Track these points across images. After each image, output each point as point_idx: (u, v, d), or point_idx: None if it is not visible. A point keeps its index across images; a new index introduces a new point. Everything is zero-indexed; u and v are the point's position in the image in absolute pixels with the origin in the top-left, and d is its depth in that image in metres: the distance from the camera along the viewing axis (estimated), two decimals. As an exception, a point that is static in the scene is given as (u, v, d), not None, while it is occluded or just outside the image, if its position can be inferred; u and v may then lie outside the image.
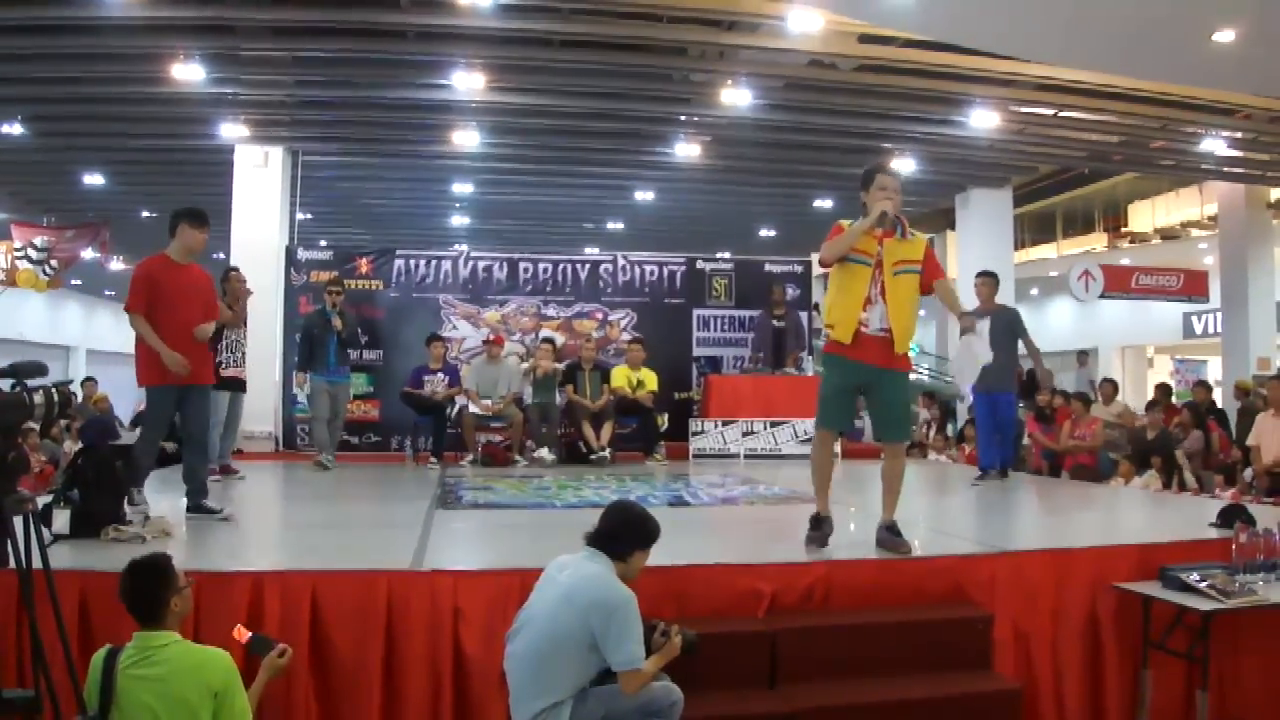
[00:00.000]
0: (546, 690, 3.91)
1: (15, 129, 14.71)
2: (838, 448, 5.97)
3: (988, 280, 10.05)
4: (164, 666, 3.49)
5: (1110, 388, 13.97)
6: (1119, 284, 19.50)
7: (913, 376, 24.31)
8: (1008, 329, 9.55)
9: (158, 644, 3.54)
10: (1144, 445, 11.66)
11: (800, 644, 4.71)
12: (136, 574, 3.64)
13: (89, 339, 35.59)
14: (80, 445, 10.29)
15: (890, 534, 5.50)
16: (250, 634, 4.01)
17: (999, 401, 9.63)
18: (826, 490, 5.66)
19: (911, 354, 24.69)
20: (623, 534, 4.23)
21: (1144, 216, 23.80)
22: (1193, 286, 20.14)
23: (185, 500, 6.68)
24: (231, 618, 4.43)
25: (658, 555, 4.41)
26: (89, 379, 15.98)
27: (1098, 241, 25.01)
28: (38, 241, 18.62)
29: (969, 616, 5.07)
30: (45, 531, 5.17)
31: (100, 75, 12.62)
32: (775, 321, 12.99)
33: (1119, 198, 24.37)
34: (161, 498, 7.84)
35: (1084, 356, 18.57)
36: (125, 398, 19.05)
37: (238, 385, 9.66)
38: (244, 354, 9.86)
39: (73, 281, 29.04)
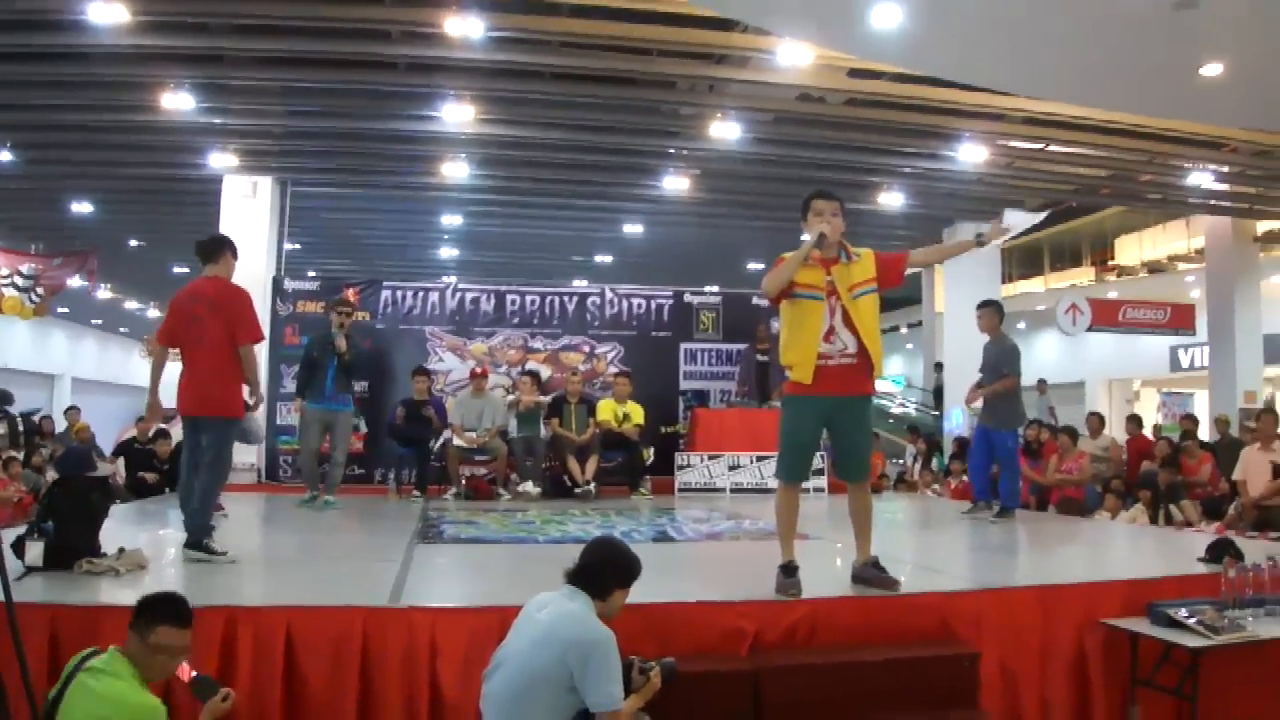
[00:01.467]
0: (524, 731, 3.84)
1: (3, 156, 14.67)
2: (823, 481, 5.82)
3: (985, 311, 9.77)
4: (98, 689, 3.50)
5: (1097, 421, 13.97)
6: (1106, 317, 19.52)
7: (898, 410, 24.57)
8: (999, 360, 9.45)
9: (111, 667, 3.55)
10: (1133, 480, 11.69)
11: (784, 683, 4.64)
12: (148, 596, 3.77)
13: (74, 367, 35.46)
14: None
15: (875, 570, 5.42)
16: (194, 674, 3.90)
17: (996, 438, 9.50)
18: (791, 539, 5.44)
19: (897, 386, 24.72)
20: (604, 572, 4.17)
21: (1131, 250, 23.89)
22: (1180, 320, 20.17)
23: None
24: (204, 653, 4.36)
25: (640, 593, 4.35)
26: (72, 407, 15.85)
27: (1085, 275, 25.10)
28: (24, 269, 18.56)
29: (955, 654, 5.00)
30: (18, 564, 5.12)
31: (89, 103, 12.59)
32: (760, 356, 12.97)
33: (1106, 231, 24.48)
34: (140, 531, 7.79)
35: (1043, 384, 18.61)
36: (108, 426, 18.96)
37: None
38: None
39: (59, 310, 28.92)
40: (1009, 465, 9.57)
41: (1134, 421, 14.46)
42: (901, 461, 17.73)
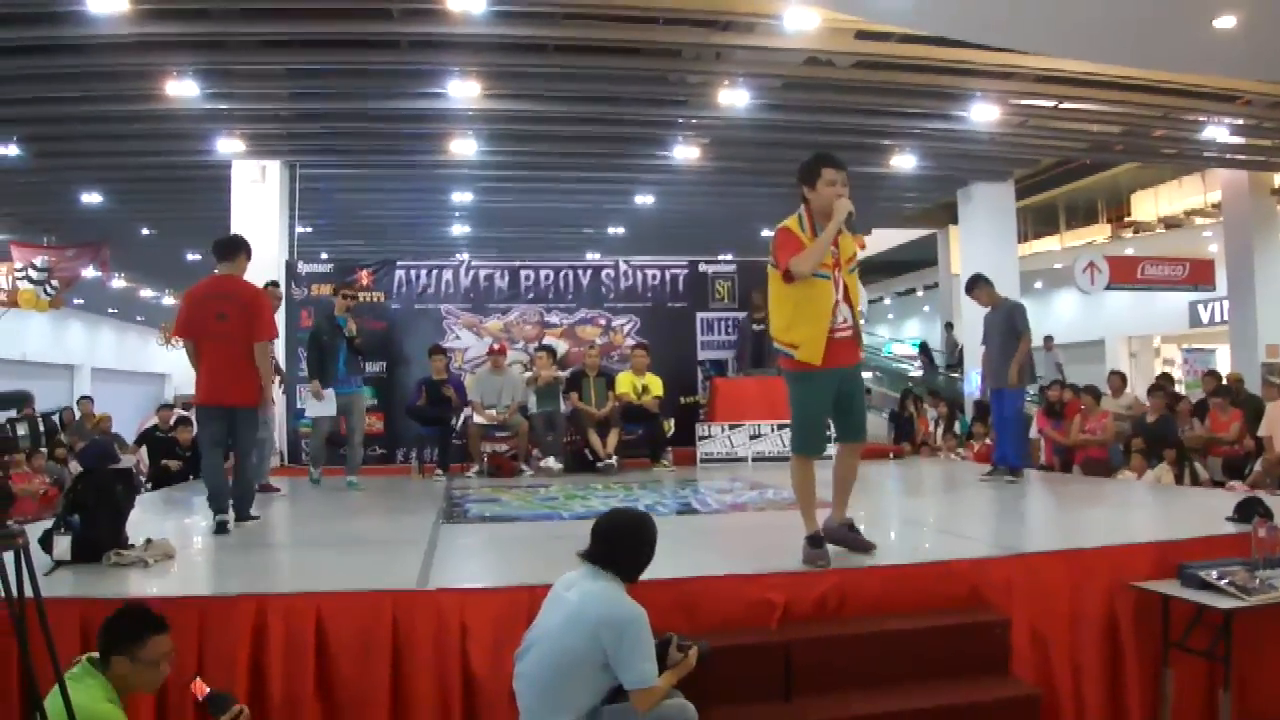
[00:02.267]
0: (557, 711, 3.84)
1: (12, 150, 14.67)
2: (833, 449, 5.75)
3: (976, 291, 10.03)
4: (75, 705, 3.38)
5: (1119, 380, 13.86)
6: (1125, 275, 19.39)
7: (916, 374, 24.51)
8: (1007, 321, 9.53)
9: (81, 684, 3.47)
10: (1147, 430, 11.58)
11: (815, 654, 4.63)
12: (115, 613, 3.64)
13: (93, 357, 35.62)
14: (80, 469, 10.20)
15: (850, 531, 5.42)
16: (209, 690, 3.84)
17: (1004, 397, 9.57)
18: (814, 510, 5.40)
19: (914, 349, 24.67)
20: (634, 555, 4.12)
21: (1147, 206, 23.71)
22: (1199, 275, 20.02)
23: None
24: (236, 642, 4.38)
25: (668, 567, 4.33)
26: (85, 397, 15.89)
27: (1101, 232, 24.93)
28: (38, 262, 18.61)
29: (986, 621, 4.98)
30: (46, 559, 5.13)
31: (95, 94, 12.56)
32: (755, 325, 12.95)
33: (1121, 188, 24.28)
34: (165, 519, 7.82)
35: (1049, 341, 18.50)
36: (129, 414, 19.04)
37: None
38: (276, 371, 9.86)
39: (74, 301, 29.05)
40: (1016, 425, 9.71)
41: (1163, 378, 14.26)
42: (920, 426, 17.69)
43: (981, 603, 5.10)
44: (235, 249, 7.33)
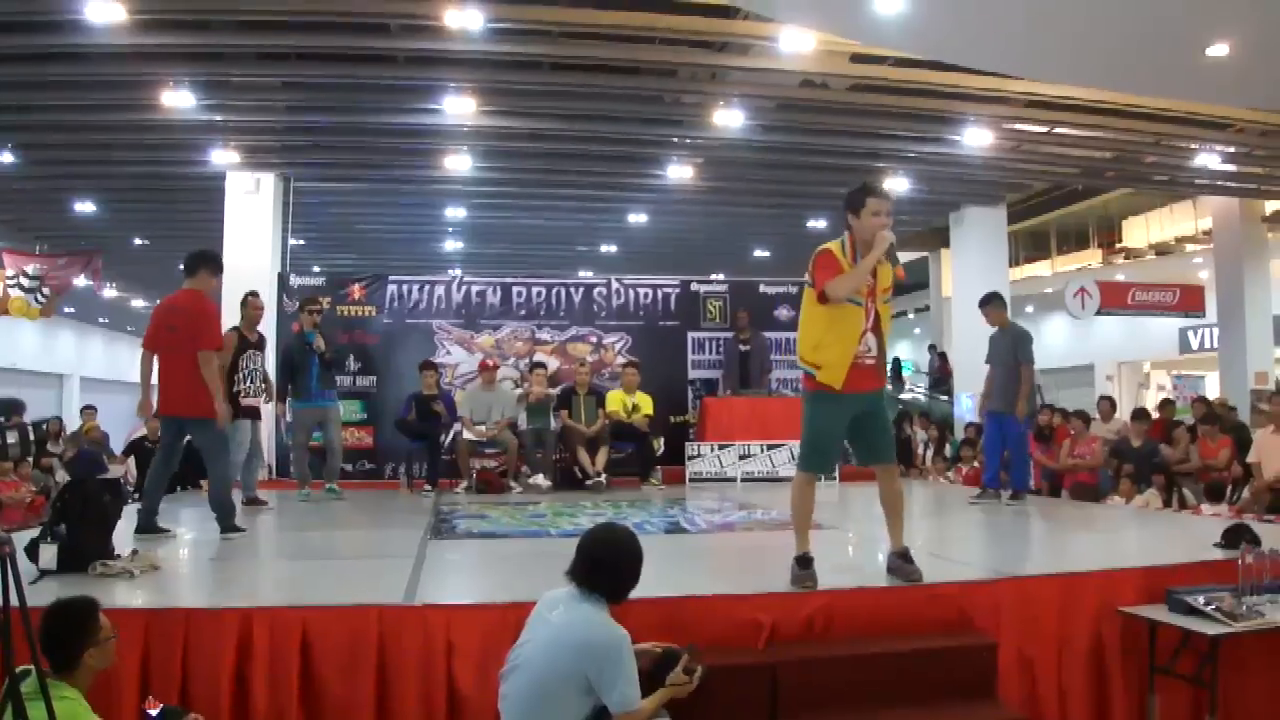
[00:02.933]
0: (541, 732, 3.82)
1: (5, 157, 14.68)
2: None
3: (988, 309, 9.87)
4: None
5: (1108, 405, 13.89)
6: (1115, 300, 19.46)
7: (908, 397, 24.56)
8: (1011, 348, 9.50)
9: (55, 694, 3.36)
10: (1131, 455, 11.61)
11: (802, 675, 4.61)
12: (54, 617, 3.56)
13: (83, 366, 35.53)
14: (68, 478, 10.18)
15: (902, 561, 5.37)
16: (161, 706, 3.86)
17: (1006, 422, 9.54)
18: (807, 530, 5.40)
19: (906, 373, 24.69)
20: (619, 577, 4.09)
21: (1138, 232, 23.79)
22: (1189, 301, 20.11)
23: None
24: (221, 654, 4.36)
25: (655, 585, 4.32)
26: (88, 407, 15.86)
27: (1092, 258, 25.01)
28: (29, 269, 18.54)
29: (973, 644, 4.97)
30: (32, 568, 5.11)
31: (90, 103, 12.57)
32: (741, 345, 12.99)
33: (1113, 213, 24.38)
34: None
35: (933, 346, 18.54)
36: (118, 425, 18.96)
37: (256, 414, 9.67)
38: (264, 382, 9.91)
39: (65, 309, 28.99)
40: (1020, 450, 9.65)
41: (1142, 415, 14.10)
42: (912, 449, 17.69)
43: (969, 626, 5.10)
44: (195, 264, 7.50)
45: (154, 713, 3.82)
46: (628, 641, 3.89)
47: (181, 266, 7.59)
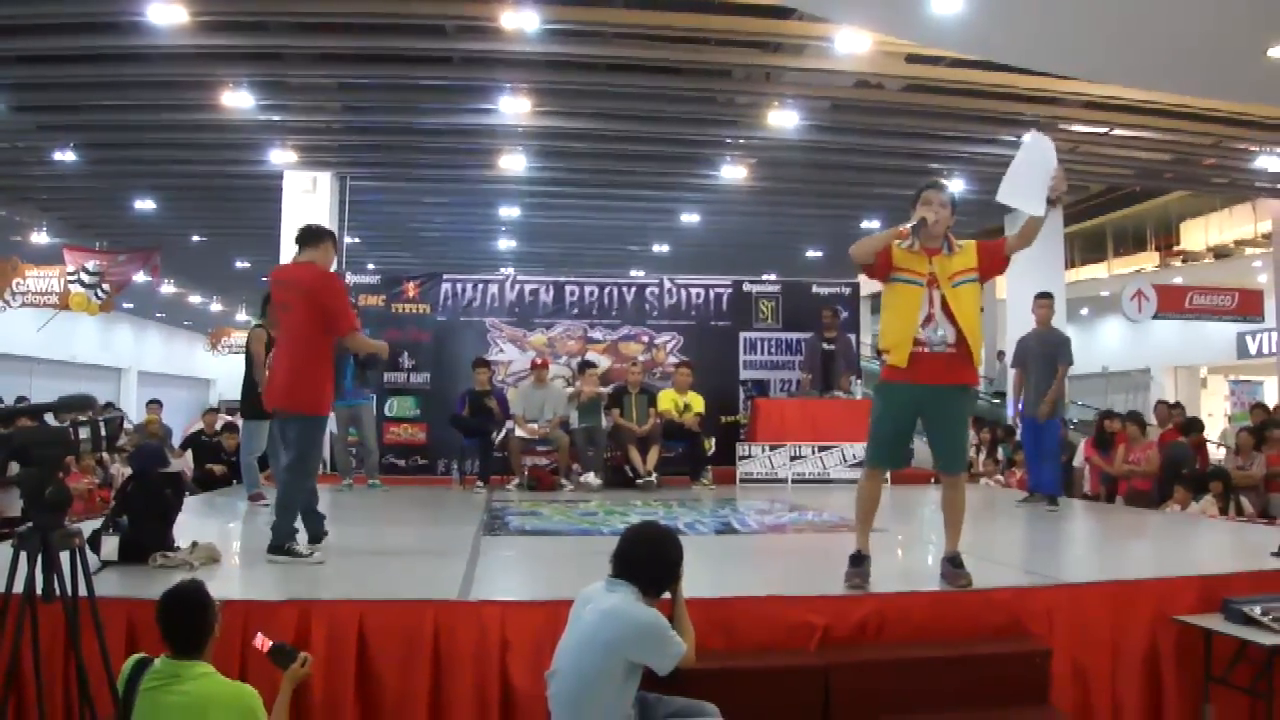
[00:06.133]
0: (590, 728, 3.87)
1: (69, 156, 14.96)
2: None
3: (1048, 301, 9.94)
4: (193, 697, 3.43)
5: (1165, 410, 13.69)
6: (1173, 304, 19.21)
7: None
8: (1051, 350, 9.53)
9: (192, 674, 3.47)
10: (1186, 461, 11.49)
11: (855, 679, 4.60)
12: (180, 603, 3.59)
13: (141, 361, 36.06)
14: (130, 471, 10.33)
15: (951, 566, 5.35)
16: (271, 643, 3.95)
17: (1044, 426, 9.52)
18: (868, 527, 5.42)
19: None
20: (657, 573, 4.12)
21: (1196, 234, 23.49)
22: (1248, 306, 19.80)
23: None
24: (278, 648, 4.43)
25: (707, 586, 4.33)
26: (153, 401, 16.11)
27: (1149, 260, 24.72)
28: (90, 266, 18.92)
29: (1027, 651, 4.94)
30: (94, 558, 5.21)
31: (151, 103, 12.79)
32: (825, 344, 12.88)
33: (1170, 216, 24.08)
34: (209, 523, 7.91)
35: (1001, 355, 18.33)
36: (174, 418, 19.23)
37: None
38: None
39: (124, 305, 29.44)
40: (1054, 453, 9.69)
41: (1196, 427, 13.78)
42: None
43: (1022, 632, 5.06)
44: (322, 234, 6.55)
45: (265, 651, 3.93)
46: (659, 618, 3.93)
47: (297, 239, 6.50)
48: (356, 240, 18.89)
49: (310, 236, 6.44)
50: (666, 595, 4.17)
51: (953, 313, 5.22)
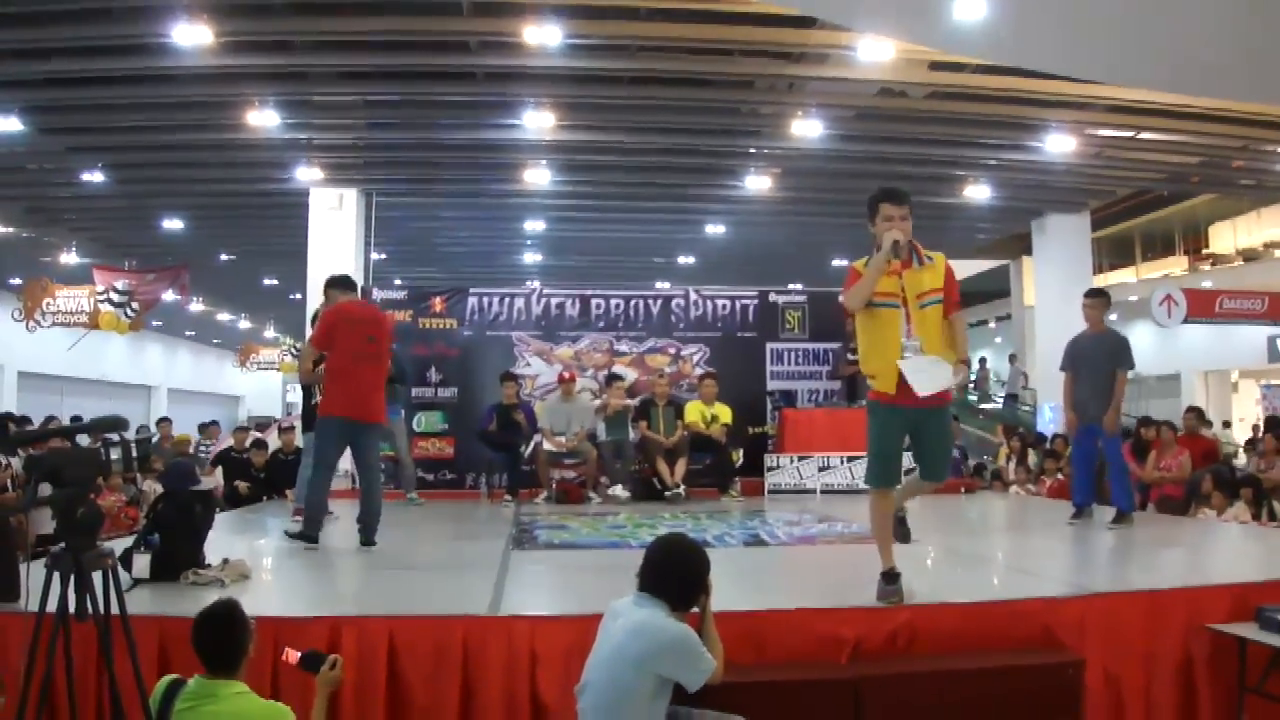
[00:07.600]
0: (619, 745, 3.85)
1: (97, 176, 15.12)
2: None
3: (1097, 301, 9.02)
4: (228, 717, 3.44)
5: (1194, 416, 13.55)
6: (1203, 308, 19.00)
7: (987, 406, 24.23)
8: (1110, 356, 8.71)
9: (227, 693, 3.48)
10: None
11: (886, 692, 4.57)
12: (216, 621, 3.60)
13: (170, 378, 36.36)
14: (161, 489, 10.38)
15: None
16: (299, 654, 3.96)
17: (1101, 436, 8.72)
18: (890, 546, 5.34)
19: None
20: (683, 586, 4.10)
21: (1225, 238, 23.31)
22: (1278, 309, 19.58)
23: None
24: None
25: (737, 599, 4.31)
26: (164, 419, 16.19)
27: (1178, 264, 24.55)
28: (119, 285, 19.08)
29: (1060, 662, 4.88)
30: (126, 576, 5.24)
31: (178, 123, 12.93)
32: (850, 355, 12.83)
33: (1199, 219, 23.91)
34: (240, 540, 7.94)
35: (1014, 356, 18.14)
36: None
37: None
38: None
39: (153, 323, 29.69)
40: (1123, 466, 8.98)
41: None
42: (989, 458, 17.43)
43: (1054, 643, 5.02)
44: (351, 282, 8.16)
45: (295, 662, 3.94)
46: (688, 632, 3.90)
47: (340, 281, 7.97)
48: (383, 256, 19.00)
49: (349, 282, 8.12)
50: (695, 610, 4.15)
51: (932, 333, 5.16)
